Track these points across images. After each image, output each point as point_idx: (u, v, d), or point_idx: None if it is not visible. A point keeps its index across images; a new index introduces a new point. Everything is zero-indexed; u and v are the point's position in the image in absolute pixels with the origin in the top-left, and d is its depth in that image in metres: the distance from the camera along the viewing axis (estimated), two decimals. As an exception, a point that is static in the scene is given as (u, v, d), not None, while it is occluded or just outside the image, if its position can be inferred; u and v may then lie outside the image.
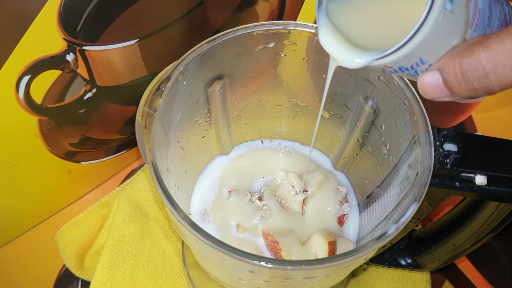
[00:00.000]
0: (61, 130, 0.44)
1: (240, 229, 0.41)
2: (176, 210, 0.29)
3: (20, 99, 0.38)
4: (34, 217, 0.50)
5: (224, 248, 0.27)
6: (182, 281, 0.47)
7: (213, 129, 0.43)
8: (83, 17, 0.38)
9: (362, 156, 0.42)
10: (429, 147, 0.31)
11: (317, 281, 0.33)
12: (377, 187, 0.40)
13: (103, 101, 0.46)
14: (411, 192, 0.31)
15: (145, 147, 0.31)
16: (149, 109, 0.33)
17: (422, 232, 0.43)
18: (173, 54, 0.47)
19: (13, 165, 0.42)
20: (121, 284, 0.46)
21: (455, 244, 0.39)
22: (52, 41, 0.37)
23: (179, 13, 0.45)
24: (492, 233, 0.37)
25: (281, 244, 0.38)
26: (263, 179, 0.45)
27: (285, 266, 0.28)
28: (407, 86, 0.34)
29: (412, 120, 0.33)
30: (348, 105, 0.41)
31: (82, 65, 0.41)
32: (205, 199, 0.44)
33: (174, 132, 0.37)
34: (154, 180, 0.30)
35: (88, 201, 0.53)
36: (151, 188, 0.52)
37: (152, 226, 0.50)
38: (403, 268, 0.45)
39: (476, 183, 0.31)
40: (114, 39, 0.41)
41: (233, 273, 0.34)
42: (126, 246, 0.48)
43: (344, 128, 0.43)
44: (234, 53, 0.38)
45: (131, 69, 0.46)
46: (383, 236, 0.29)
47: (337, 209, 0.42)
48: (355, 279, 0.48)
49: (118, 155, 0.54)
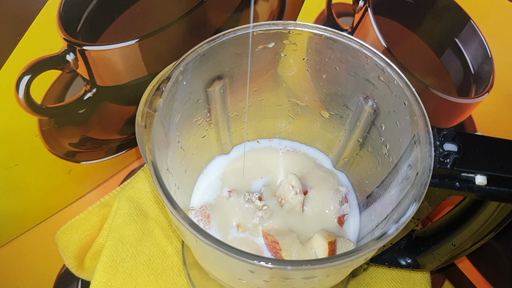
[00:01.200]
0: (61, 130, 0.44)
1: (240, 229, 0.41)
2: (176, 210, 0.29)
3: (20, 99, 0.38)
4: (34, 217, 0.50)
5: (224, 248, 0.27)
6: (182, 281, 0.47)
7: (213, 129, 0.43)
8: (83, 17, 0.38)
9: (362, 156, 0.42)
10: (429, 147, 0.31)
11: (317, 281, 0.33)
12: (377, 187, 0.40)
13: (103, 101, 0.46)
14: (411, 192, 0.31)
15: (145, 147, 0.31)
16: (149, 109, 0.33)
17: (422, 232, 0.43)
18: (173, 54, 0.47)
19: (13, 165, 0.42)
20: (121, 284, 0.46)
21: (455, 244, 0.39)
22: (52, 41, 0.37)
23: (179, 13, 0.45)
24: (492, 233, 0.37)
25: (281, 244, 0.38)
26: (262, 179, 0.45)
27: (285, 266, 0.28)
28: (407, 86, 0.34)
29: (412, 120, 0.33)
30: (348, 105, 0.41)
31: (82, 65, 0.41)
32: (205, 199, 0.44)
33: (174, 132, 0.37)
34: (154, 180, 0.30)
35: (88, 201, 0.53)
36: (151, 188, 0.52)
37: (152, 226, 0.50)
38: (403, 268, 0.45)
39: (476, 183, 0.31)
40: (114, 39, 0.41)
41: (233, 273, 0.34)
42: (126, 246, 0.48)
43: (344, 128, 0.43)
44: (234, 53, 0.38)
45: (131, 69, 0.46)
46: (383, 236, 0.29)
47: (337, 209, 0.42)
48: (355, 279, 0.48)
49: (118, 155, 0.54)
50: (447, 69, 0.42)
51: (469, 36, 0.39)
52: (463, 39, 0.40)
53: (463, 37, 0.40)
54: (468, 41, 0.39)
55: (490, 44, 0.38)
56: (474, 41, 0.39)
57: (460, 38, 0.40)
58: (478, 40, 0.38)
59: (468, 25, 0.38)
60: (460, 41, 0.40)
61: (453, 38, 0.40)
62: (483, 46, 0.38)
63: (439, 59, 0.42)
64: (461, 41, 0.40)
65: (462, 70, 0.41)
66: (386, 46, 0.46)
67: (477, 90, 0.41)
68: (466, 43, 0.40)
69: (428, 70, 0.44)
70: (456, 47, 0.41)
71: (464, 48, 0.40)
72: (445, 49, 0.42)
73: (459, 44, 0.40)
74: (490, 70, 0.39)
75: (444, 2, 0.39)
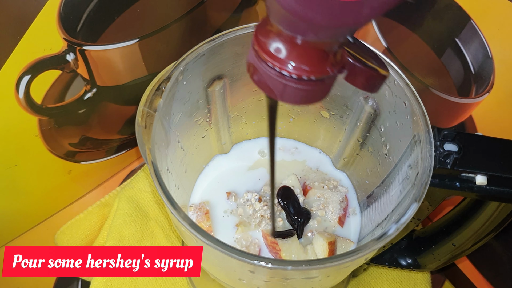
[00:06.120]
0: (61, 130, 0.44)
1: (240, 229, 0.41)
2: (176, 210, 0.29)
3: (20, 99, 0.38)
4: (34, 217, 0.50)
5: (224, 248, 0.27)
6: (182, 281, 0.47)
7: (213, 129, 0.43)
8: (83, 17, 0.38)
9: (362, 156, 0.42)
10: (430, 147, 0.31)
11: (317, 281, 0.33)
12: (377, 187, 0.40)
13: (103, 101, 0.46)
14: (412, 192, 0.31)
15: (145, 147, 0.31)
16: (149, 109, 0.33)
17: (422, 232, 0.43)
18: (173, 54, 0.47)
19: (13, 165, 0.42)
20: (121, 284, 0.46)
21: (456, 244, 0.39)
22: (52, 41, 0.37)
23: (179, 13, 0.45)
24: (492, 233, 0.37)
25: (281, 244, 0.38)
26: (262, 179, 0.45)
27: (285, 266, 0.28)
28: (407, 86, 0.34)
29: (413, 120, 0.33)
30: (348, 105, 0.41)
31: (82, 65, 0.41)
32: (205, 199, 0.44)
33: (174, 132, 0.37)
34: (154, 180, 0.30)
35: (88, 201, 0.53)
36: (151, 188, 0.52)
37: (152, 226, 0.50)
38: (404, 268, 0.45)
39: (477, 183, 0.31)
40: (114, 39, 0.41)
41: (233, 273, 0.34)
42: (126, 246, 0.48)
43: (344, 128, 0.43)
44: (234, 53, 0.38)
45: (131, 69, 0.45)
46: (384, 236, 0.29)
47: (337, 209, 0.42)
48: (355, 279, 0.48)
49: (118, 155, 0.54)
50: (448, 69, 0.42)
51: (469, 36, 0.39)
52: (463, 39, 0.40)
53: (463, 37, 0.40)
54: (469, 41, 0.39)
55: (491, 44, 0.38)
56: (475, 41, 0.39)
57: (460, 38, 0.40)
58: (479, 40, 0.38)
59: (468, 25, 0.38)
60: (460, 41, 0.40)
61: (454, 38, 0.40)
62: (484, 46, 0.38)
63: (439, 59, 0.42)
64: (462, 41, 0.40)
65: (462, 70, 0.41)
66: (387, 46, 0.46)
67: (477, 90, 0.41)
68: (466, 43, 0.40)
69: (429, 70, 0.44)
70: (456, 47, 0.41)
71: (465, 48, 0.40)
72: (446, 49, 0.42)
73: (459, 44, 0.40)
74: (490, 70, 0.39)
75: (445, 2, 0.39)
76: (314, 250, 0.39)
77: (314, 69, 0.21)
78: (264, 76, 0.22)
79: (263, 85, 0.23)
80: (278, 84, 0.22)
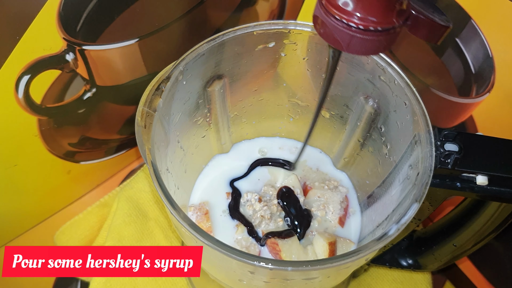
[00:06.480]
0: (60, 130, 0.44)
1: (240, 229, 0.41)
2: (175, 211, 0.29)
3: (20, 99, 0.38)
4: (33, 217, 0.50)
5: (224, 248, 0.27)
6: (182, 281, 0.47)
7: (213, 129, 0.43)
8: (83, 17, 0.38)
9: (363, 156, 0.42)
10: (430, 147, 0.31)
11: (318, 282, 0.33)
12: (378, 187, 0.40)
13: (103, 101, 0.46)
14: (412, 192, 0.31)
15: (144, 147, 0.31)
16: (148, 109, 0.33)
17: (423, 233, 0.43)
18: (173, 54, 0.47)
19: (12, 165, 0.42)
20: (121, 284, 0.46)
21: (456, 245, 0.39)
22: (52, 41, 0.37)
23: (179, 13, 0.45)
24: (493, 234, 0.37)
25: (281, 245, 0.38)
26: (262, 180, 0.45)
27: (285, 267, 0.28)
28: (408, 86, 0.34)
29: (413, 120, 0.33)
30: (349, 105, 0.41)
31: (81, 64, 0.41)
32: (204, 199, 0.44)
33: (173, 132, 0.37)
34: (154, 180, 0.30)
35: (87, 201, 0.53)
36: (151, 188, 0.52)
37: (151, 226, 0.49)
38: (404, 268, 0.44)
39: (477, 183, 0.31)
40: (114, 39, 0.41)
41: (233, 274, 0.34)
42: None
43: (344, 128, 0.43)
44: (234, 53, 0.37)
45: (131, 69, 0.45)
46: (384, 236, 0.29)
47: (338, 210, 0.42)
48: (356, 279, 0.48)
49: (118, 155, 0.54)
50: (448, 69, 0.42)
51: (469, 36, 0.39)
52: (463, 39, 0.40)
53: (463, 37, 0.40)
54: (469, 41, 0.39)
55: (491, 44, 0.38)
56: (475, 41, 0.39)
57: (460, 37, 0.40)
58: (479, 39, 0.38)
59: (468, 25, 0.38)
60: (460, 41, 0.40)
61: (454, 37, 0.40)
62: (484, 46, 0.38)
63: (440, 59, 0.42)
64: (462, 41, 0.40)
65: (463, 70, 0.41)
66: (387, 45, 0.46)
67: (478, 90, 0.41)
68: (467, 42, 0.40)
69: (429, 70, 0.44)
70: (457, 47, 0.40)
71: (465, 47, 0.40)
72: (446, 48, 0.41)
73: (459, 44, 0.40)
74: (491, 69, 0.39)
75: (445, 1, 0.39)
76: (315, 250, 0.38)
77: (380, 19, 0.23)
78: (331, 28, 0.24)
79: (329, 37, 0.24)
80: (345, 35, 0.23)
